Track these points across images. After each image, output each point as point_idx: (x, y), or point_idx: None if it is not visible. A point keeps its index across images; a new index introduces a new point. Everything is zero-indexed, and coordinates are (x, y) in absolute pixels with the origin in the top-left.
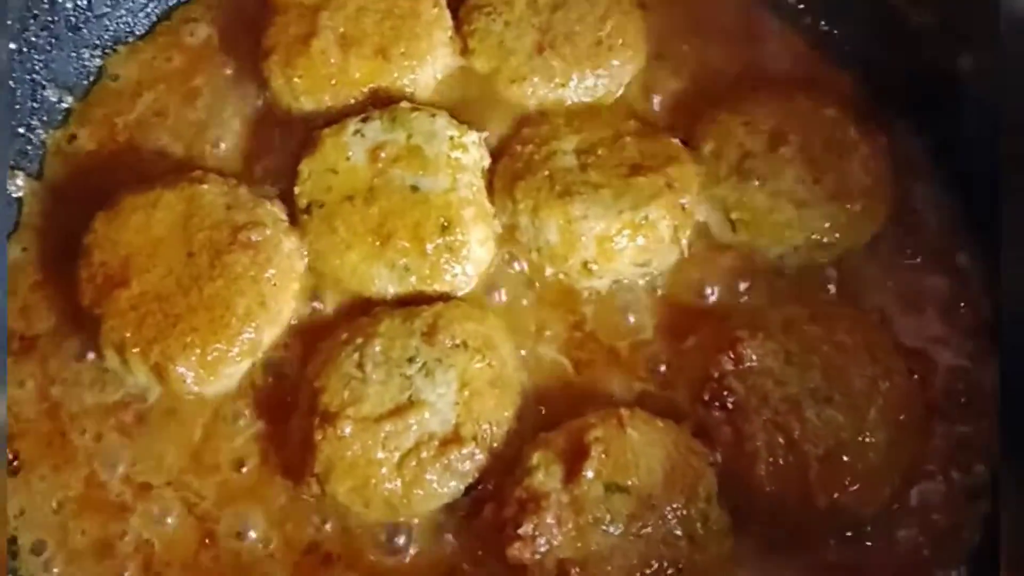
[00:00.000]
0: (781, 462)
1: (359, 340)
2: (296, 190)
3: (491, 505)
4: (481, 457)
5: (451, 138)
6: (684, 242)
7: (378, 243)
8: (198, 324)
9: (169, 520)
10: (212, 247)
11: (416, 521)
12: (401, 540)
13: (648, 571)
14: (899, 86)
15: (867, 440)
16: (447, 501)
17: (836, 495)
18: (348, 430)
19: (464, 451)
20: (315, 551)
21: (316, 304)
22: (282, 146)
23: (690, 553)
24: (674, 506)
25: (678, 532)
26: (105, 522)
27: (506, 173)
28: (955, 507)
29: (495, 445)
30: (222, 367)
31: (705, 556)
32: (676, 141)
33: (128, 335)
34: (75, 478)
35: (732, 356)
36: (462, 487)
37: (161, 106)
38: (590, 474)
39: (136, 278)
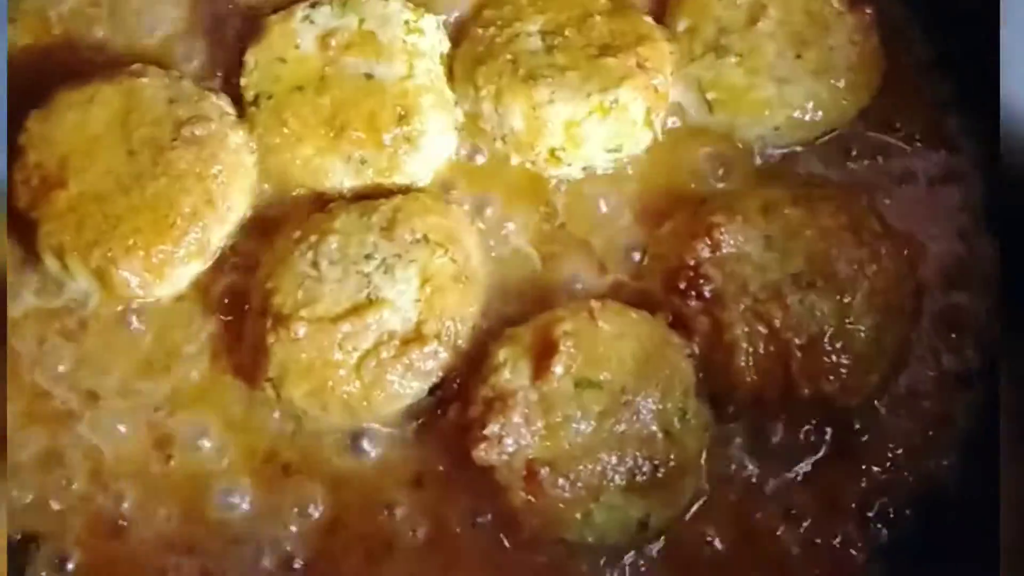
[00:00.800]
0: (762, 352)
1: (313, 237)
2: (242, 81)
3: (456, 405)
4: (445, 356)
5: (406, 22)
6: (657, 125)
7: (331, 135)
8: (141, 225)
9: (119, 428)
10: (154, 144)
11: (378, 425)
12: (363, 444)
13: (623, 468)
14: None
15: (852, 327)
16: (410, 403)
17: (820, 385)
18: (302, 332)
19: (426, 350)
20: (273, 459)
21: (267, 201)
22: (227, 35)
23: (667, 449)
24: (649, 401)
25: (654, 428)
26: (52, 432)
27: (466, 58)
28: (946, 394)
29: (459, 343)
30: (168, 269)
31: (683, 451)
32: (648, 19)
33: (67, 238)
34: (18, 389)
35: (708, 242)
36: (425, 387)
37: None
38: (559, 370)
39: (74, 178)
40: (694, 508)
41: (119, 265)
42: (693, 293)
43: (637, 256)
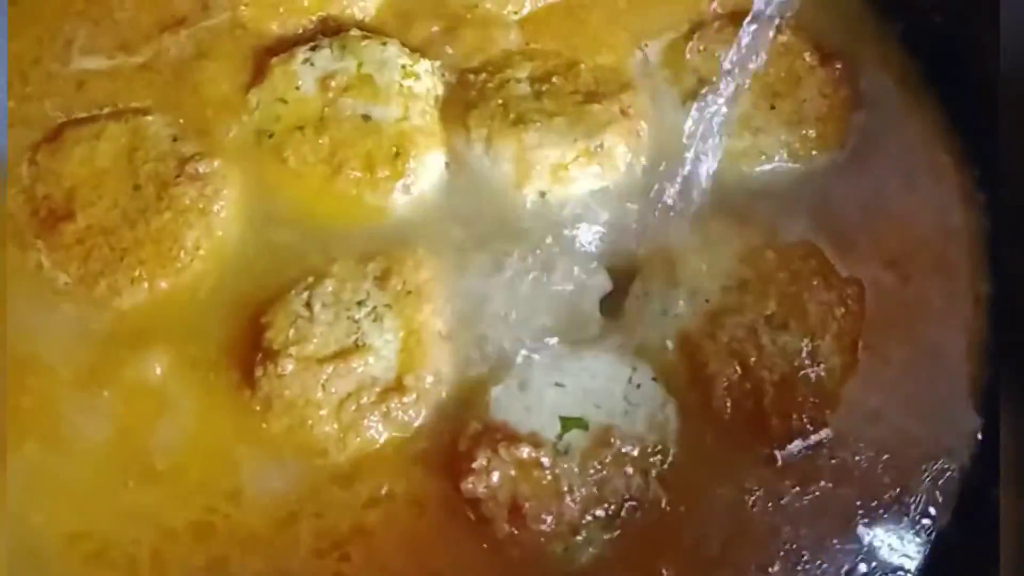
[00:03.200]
0: (737, 388)
1: (310, 279)
2: (244, 120)
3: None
4: (423, 410)
5: (403, 66)
6: (638, 169)
7: (329, 173)
8: (145, 257)
9: None
10: (158, 179)
11: None
12: None
13: (603, 506)
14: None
15: (822, 366)
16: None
17: (790, 420)
18: (289, 368)
19: (405, 400)
20: None
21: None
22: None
23: (645, 490)
24: (631, 446)
25: (634, 468)
26: None
27: (459, 102)
28: None
29: (442, 396)
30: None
31: (665, 488)
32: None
33: (73, 269)
34: None
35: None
36: (400, 436)
37: None
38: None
39: (81, 212)
40: None
41: (123, 296)
42: None
43: None
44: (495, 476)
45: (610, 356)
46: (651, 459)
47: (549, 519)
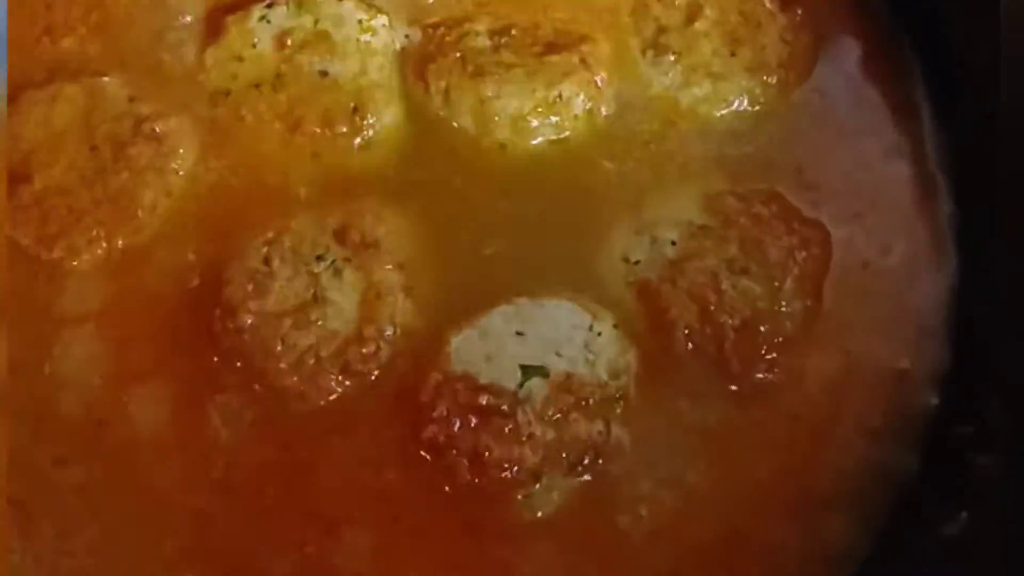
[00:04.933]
0: (697, 331)
1: (270, 234)
2: (200, 78)
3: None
4: (383, 359)
5: (360, 22)
6: (600, 117)
7: (287, 130)
8: (103, 218)
9: None
10: (115, 139)
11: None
12: None
13: (564, 454)
14: None
15: (783, 310)
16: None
17: (752, 364)
18: (248, 323)
19: (364, 351)
20: None
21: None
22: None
23: (606, 437)
24: (594, 389)
25: (595, 415)
26: None
27: (417, 56)
28: None
29: (402, 347)
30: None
31: (623, 433)
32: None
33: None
34: None
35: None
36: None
37: None
38: None
39: (38, 174)
40: None
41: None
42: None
43: None
44: (456, 425)
45: (571, 304)
46: (613, 406)
47: (510, 466)
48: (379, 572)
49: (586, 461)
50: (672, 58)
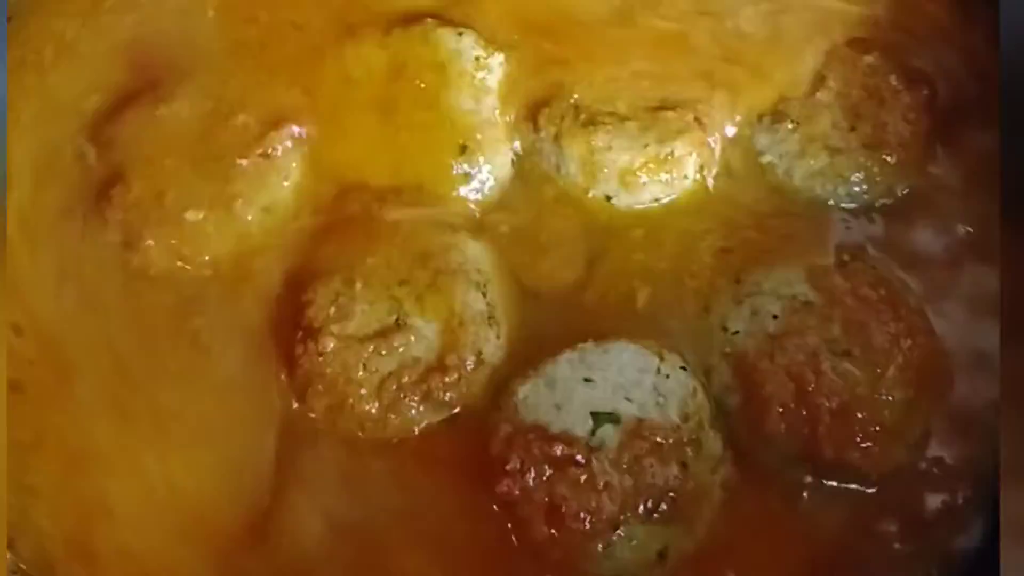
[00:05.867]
0: (792, 411)
1: (354, 257)
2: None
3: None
4: (464, 389)
5: (477, 58)
6: (709, 180)
7: (394, 158)
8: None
9: None
10: (229, 151)
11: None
12: None
13: (640, 501)
14: None
15: (884, 398)
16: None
17: (845, 450)
18: (330, 347)
19: (447, 380)
20: None
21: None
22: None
23: (683, 480)
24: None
25: (671, 460)
26: None
27: (530, 98)
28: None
29: (481, 378)
30: None
31: (699, 482)
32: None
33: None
34: None
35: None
36: (439, 418)
37: None
38: None
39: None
40: None
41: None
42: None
43: None
44: (530, 477)
45: (636, 347)
46: (686, 449)
47: (587, 517)
48: None
49: (663, 507)
50: (790, 126)
